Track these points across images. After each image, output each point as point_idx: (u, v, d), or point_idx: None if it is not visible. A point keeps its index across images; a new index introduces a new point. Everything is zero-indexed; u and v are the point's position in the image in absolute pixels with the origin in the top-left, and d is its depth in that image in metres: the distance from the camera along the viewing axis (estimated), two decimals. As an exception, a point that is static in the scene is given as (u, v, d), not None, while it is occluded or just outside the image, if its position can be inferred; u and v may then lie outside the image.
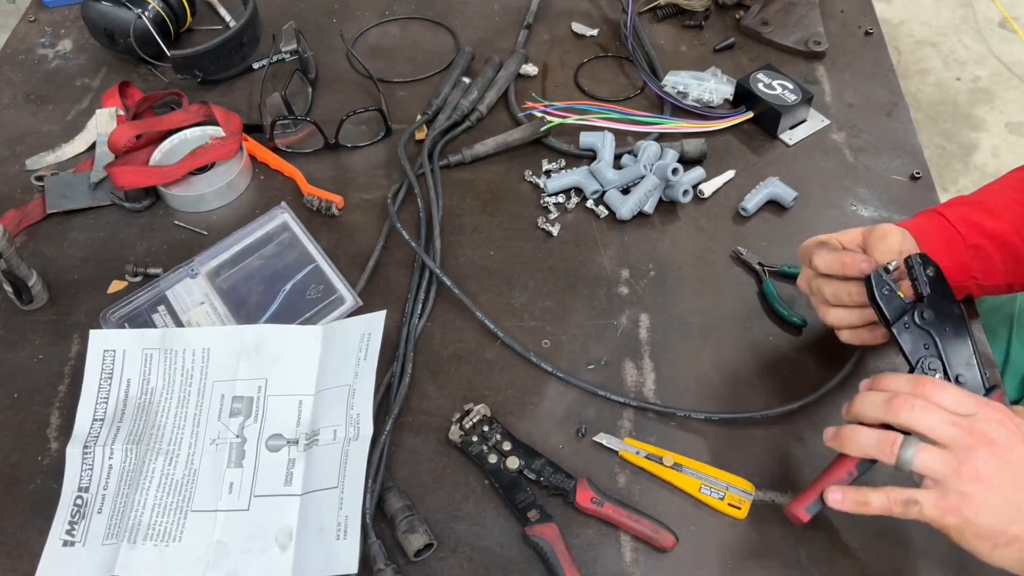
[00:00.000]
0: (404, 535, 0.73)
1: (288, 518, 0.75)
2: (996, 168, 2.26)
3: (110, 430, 0.81)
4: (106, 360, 0.84)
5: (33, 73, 1.19)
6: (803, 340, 0.87)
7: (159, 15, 1.15)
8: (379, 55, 1.20)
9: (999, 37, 2.62)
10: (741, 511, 0.75)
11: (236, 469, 0.78)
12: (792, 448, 0.80)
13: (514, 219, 0.99)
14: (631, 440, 0.80)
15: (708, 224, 0.98)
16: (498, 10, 1.26)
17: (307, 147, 1.07)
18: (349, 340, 0.85)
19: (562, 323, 0.89)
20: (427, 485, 0.78)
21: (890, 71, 1.15)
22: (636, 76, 1.15)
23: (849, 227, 0.77)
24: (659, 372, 0.85)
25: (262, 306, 0.90)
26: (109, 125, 1.07)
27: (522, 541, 0.74)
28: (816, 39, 1.17)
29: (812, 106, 1.08)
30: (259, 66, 1.17)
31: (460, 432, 0.80)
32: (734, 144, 1.06)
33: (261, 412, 0.82)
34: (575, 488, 0.76)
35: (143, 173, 1.00)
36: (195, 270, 0.92)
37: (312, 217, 1.00)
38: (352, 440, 0.78)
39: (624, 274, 0.94)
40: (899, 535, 0.74)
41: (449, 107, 1.09)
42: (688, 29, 1.22)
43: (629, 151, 1.02)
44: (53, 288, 0.93)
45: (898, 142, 1.06)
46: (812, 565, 0.73)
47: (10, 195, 1.03)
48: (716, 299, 0.91)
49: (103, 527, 0.75)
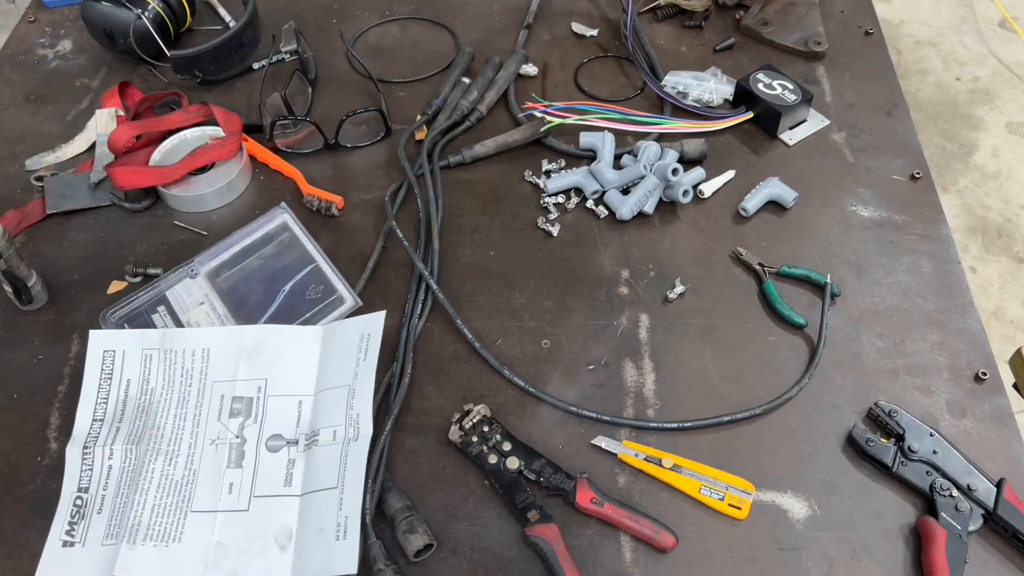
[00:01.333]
0: (404, 535, 0.73)
1: (288, 518, 0.75)
2: (996, 168, 2.26)
3: (110, 430, 0.81)
4: (106, 360, 0.84)
5: (33, 73, 1.19)
6: (803, 340, 0.87)
7: (159, 15, 1.15)
8: (379, 55, 1.20)
9: (999, 37, 2.62)
10: (741, 511, 0.75)
11: (236, 469, 0.78)
12: (792, 448, 0.80)
13: (514, 219, 0.99)
14: (630, 443, 0.80)
15: (708, 224, 0.98)
16: (498, 10, 1.26)
17: (307, 147, 1.07)
18: (349, 340, 0.85)
19: (562, 323, 0.89)
20: (427, 485, 0.78)
21: (890, 71, 1.15)
22: (636, 76, 1.15)
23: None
24: (659, 372, 0.85)
25: (262, 306, 0.90)
26: (109, 125, 1.07)
27: (522, 541, 0.74)
28: (816, 39, 1.17)
29: (812, 106, 1.08)
30: (259, 66, 1.17)
31: (460, 432, 0.79)
32: (734, 144, 1.06)
33: (261, 412, 0.82)
34: (575, 488, 0.76)
35: (143, 173, 1.00)
36: (195, 270, 0.92)
37: (312, 217, 0.99)
38: (352, 440, 0.78)
39: (624, 274, 0.94)
40: (898, 536, 0.74)
41: (449, 107, 1.09)
42: (688, 29, 1.22)
43: (629, 151, 1.02)
44: (53, 288, 0.93)
45: (898, 142, 1.06)
46: (812, 565, 0.73)
47: (10, 195, 1.03)
48: (716, 299, 0.91)
49: (103, 527, 0.75)
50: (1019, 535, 0.73)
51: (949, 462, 0.77)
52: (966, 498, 0.75)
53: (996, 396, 0.83)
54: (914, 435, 0.78)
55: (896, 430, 0.79)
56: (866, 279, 0.92)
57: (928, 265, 0.93)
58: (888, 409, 0.80)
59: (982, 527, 0.74)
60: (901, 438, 0.78)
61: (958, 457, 0.77)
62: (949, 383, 0.84)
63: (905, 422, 0.79)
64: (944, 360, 0.85)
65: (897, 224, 0.97)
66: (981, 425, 0.81)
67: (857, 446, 0.78)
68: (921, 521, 0.74)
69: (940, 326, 0.88)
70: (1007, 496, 0.74)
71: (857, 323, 0.88)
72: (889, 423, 0.80)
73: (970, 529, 0.73)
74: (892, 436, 0.79)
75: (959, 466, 0.77)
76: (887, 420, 0.80)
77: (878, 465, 0.78)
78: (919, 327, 0.88)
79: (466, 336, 0.87)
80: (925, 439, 0.78)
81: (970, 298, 0.90)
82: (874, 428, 0.80)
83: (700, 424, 0.81)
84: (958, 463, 0.77)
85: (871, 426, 0.80)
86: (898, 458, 0.77)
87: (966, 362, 0.85)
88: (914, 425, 0.79)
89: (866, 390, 0.83)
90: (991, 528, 0.75)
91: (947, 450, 0.77)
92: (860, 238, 0.96)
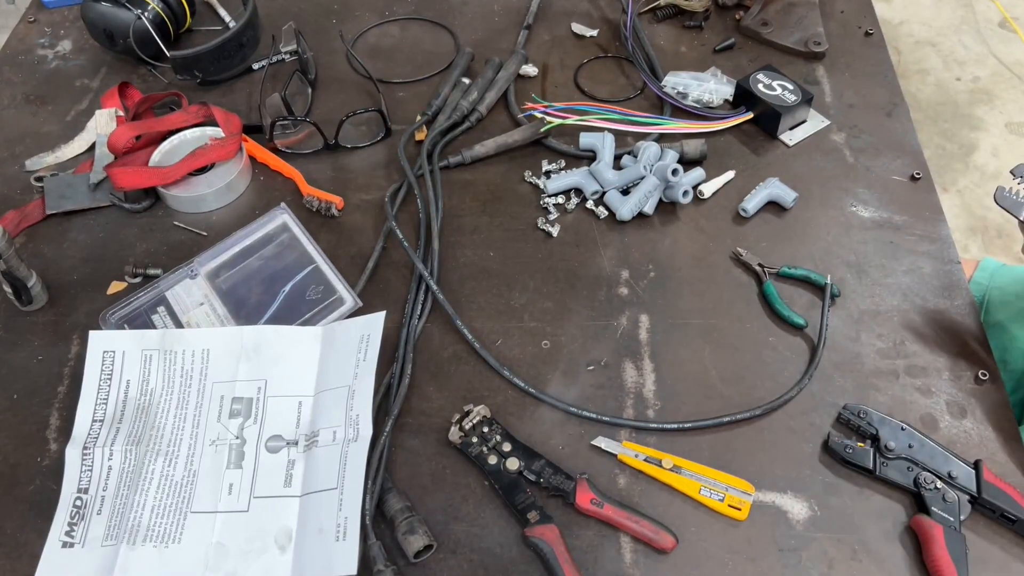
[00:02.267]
0: (404, 536, 0.73)
1: (287, 519, 0.75)
2: (996, 168, 2.26)
3: (109, 431, 0.81)
4: (105, 361, 0.84)
5: (33, 74, 1.19)
6: (803, 341, 0.87)
7: (159, 16, 1.15)
8: (379, 56, 1.20)
9: (999, 37, 2.62)
10: (741, 512, 0.75)
11: (236, 470, 0.78)
12: (793, 449, 0.80)
13: (514, 220, 0.99)
14: (630, 443, 0.80)
15: (708, 225, 0.98)
16: (498, 10, 1.26)
17: (307, 148, 1.07)
18: (349, 341, 0.85)
19: (562, 324, 0.89)
20: (427, 486, 0.78)
21: (890, 71, 1.15)
22: (636, 77, 1.15)
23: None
24: (659, 373, 0.85)
25: (262, 307, 0.90)
26: (109, 126, 1.07)
27: (522, 542, 0.74)
28: (816, 39, 1.17)
29: (812, 107, 1.08)
30: (259, 67, 1.17)
31: (460, 433, 0.79)
32: (734, 145, 1.06)
33: (261, 413, 0.82)
34: (575, 489, 0.76)
35: (143, 174, 1.00)
36: (195, 271, 0.92)
37: (312, 218, 0.99)
38: (352, 441, 0.78)
39: (624, 275, 0.94)
40: (898, 538, 0.74)
41: (449, 108, 1.09)
42: (688, 30, 1.22)
43: (629, 152, 1.02)
44: (53, 289, 0.93)
45: (898, 142, 1.06)
46: (812, 566, 0.73)
47: (10, 196, 1.03)
48: (716, 300, 0.91)
49: (102, 528, 0.75)
50: (1006, 513, 0.73)
51: (927, 454, 0.77)
52: (950, 487, 0.75)
53: (996, 396, 0.83)
54: (888, 433, 0.78)
55: (869, 431, 0.79)
56: (866, 280, 0.92)
57: (928, 265, 0.93)
58: (857, 410, 0.80)
59: (971, 513, 0.74)
60: (876, 438, 0.78)
61: (933, 446, 0.77)
62: (949, 383, 0.84)
63: (876, 421, 0.79)
64: (944, 360, 0.85)
65: (897, 225, 0.97)
66: (981, 425, 0.81)
67: (836, 455, 0.78)
68: (915, 520, 0.74)
69: (940, 327, 0.88)
70: (987, 477, 0.75)
71: (857, 324, 0.88)
72: (861, 425, 0.80)
73: (962, 518, 0.73)
74: (867, 438, 0.79)
75: (937, 456, 0.77)
76: (858, 422, 0.80)
77: (860, 470, 0.78)
78: (919, 328, 0.88)
79: (466, 337, 0.87)
80: (899, 435, 0.78)
81: (970, 298, 0.90)
82: (848, 432, 0.80)
83: (700, 425, 0.81)
84: (935, 453, 0.77)
85: (844, 431, 0.80)
86: (878, 460, 0.77)
87: (966, 362, 0.85)
88: (885, 422, 0.79)
89: (866, 391, 0.83)
90: (979, 512, 0.75)
91: (922, 442, 0.78)
92: (860, 239, 0.96)
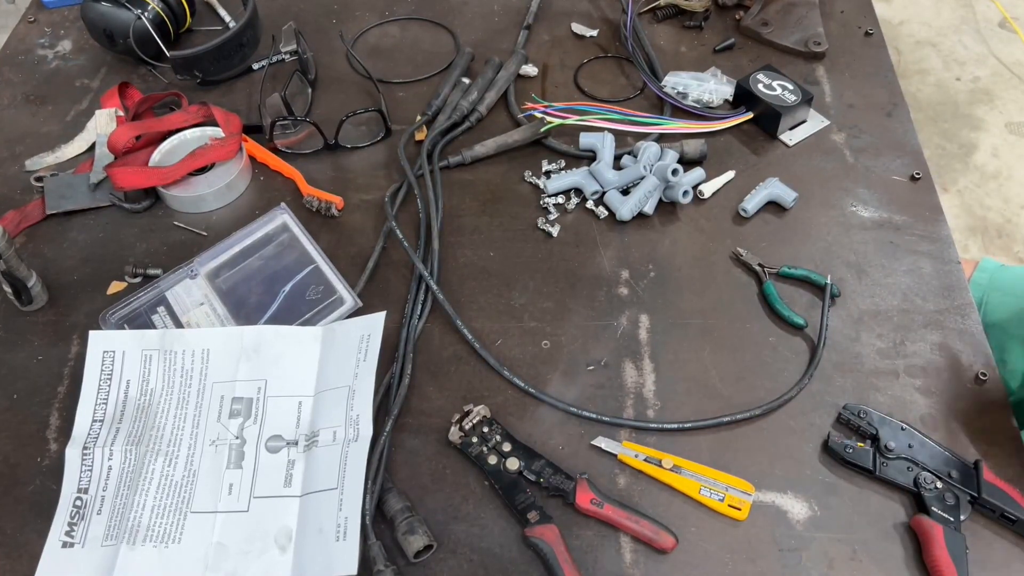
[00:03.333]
0: (404, 536, 0.73)
1: (287, 519, 0.75)
2: (996, 168, 2.26)
3: (109, 431, 0.81)
4: (105, 361, 0.84)
5: (33, 74, 1.19)
6: (803, 341, 0.87)
7: (159, 16, 1.15)
8: (379, 56, 1.20)
9: (999, 37, 2.62)
10: (741, 512, 0.75)
11: (235, 470, 0.78)
12: (793, 449, 0.80)
13: (514, 220, 0.99)
14: (630, 443, 0.80)
15: (708, 225, 0.98)
16: (498, 10, 1.26)
17: (307, 148, 1.07)
18: (349, 341, 0.85)
19: (562, 324, 0.89)
20: (427, 486, 0.78)
21: (890, 71, 1.15)
22: (636, 77, 1.15)
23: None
24: (659, 373, 0.85)
25: (262, 307, 0.90)
26: (109, 126, 1.07)
27: (522, 542, 0.74)
28: (816, 39, 1.17)
29: (812, 107, 1.08)
30: (259, 67, 1.17)
31: (460, 433, 0.79)
32: (734, 145, 1.06)
33: (260, 413, 0.82)
34: (575, 489, 0.76)
35: (143, 174, 1.00)
36: (195, 271, 0.92)
37: (312, 218, 0.99)
38: (352, 441, 0.78)
39: (624, 275, 0.94)
40: (898, 538, 0.74)
41: (449, 108, 1.09)
42: (688, 30, 1.22)
43: (629, 152, 1.02)
44: (53, 289, 0.93)
45: (898, 142, 1.06)
46: (812, 566, 0.73)
47: (10, 196, 1.03)
48: (716, 300, 0.91)
49: (102, 528, 0.75)
50: (1006, 513, 0.73)
51: (927, 454, 0.77)
52: (950, 487, 0.75)
53: (996, 396, 0.83)
54: (888, 433, 0.78)
55: (869, 431, 0.79)
56: (866, 280, 0.92)
57: (928, 266, 0.93)
58: (857, 410, 0.80)
59: (971, 513, 0.74)
60: (876, 438, 0.78)
61: (933, 446, 0.77)
62: (949, 384, 0.84)
63: (876, 421, 0.79)
64: (944, 361, 0.85)
65: (897, 225, 0.97)
66: (981, 425, 0.81)
67: (836, 455, 0.78)
68: (915, 521, 0.74)
69: (940, 327, 0.88)
70: (987, 477, 0.75)
71: (857, 324, 0.88)
72: (861, 425, 0.80)
73: (962, 518, 0.73)
74: (867, 437, 0.79)
75: (937, 456, 0.77)
76: (858, 422, 0.80)
77: (860, 470, 0.78)
78: (919, 328, 0.88)
79: (466, 337, 0.87)
80: (899, 435, 0.78)
81: (970, 299, 0.90)
82: (848, 432, 0.80)
83: (700, 425, 0.81)
84: (935, 453, 0.77)
85: (844, 431, 0.80)
86: (878, 460, 0.77)
87: (966, 363, 0.85)
88: (885, 422, 0.79)
89: (866, 391, 0.83)
90: (979, 512, 0.75)
91: (922, 442, 0.78)
92: (860, 239, 0.96)
